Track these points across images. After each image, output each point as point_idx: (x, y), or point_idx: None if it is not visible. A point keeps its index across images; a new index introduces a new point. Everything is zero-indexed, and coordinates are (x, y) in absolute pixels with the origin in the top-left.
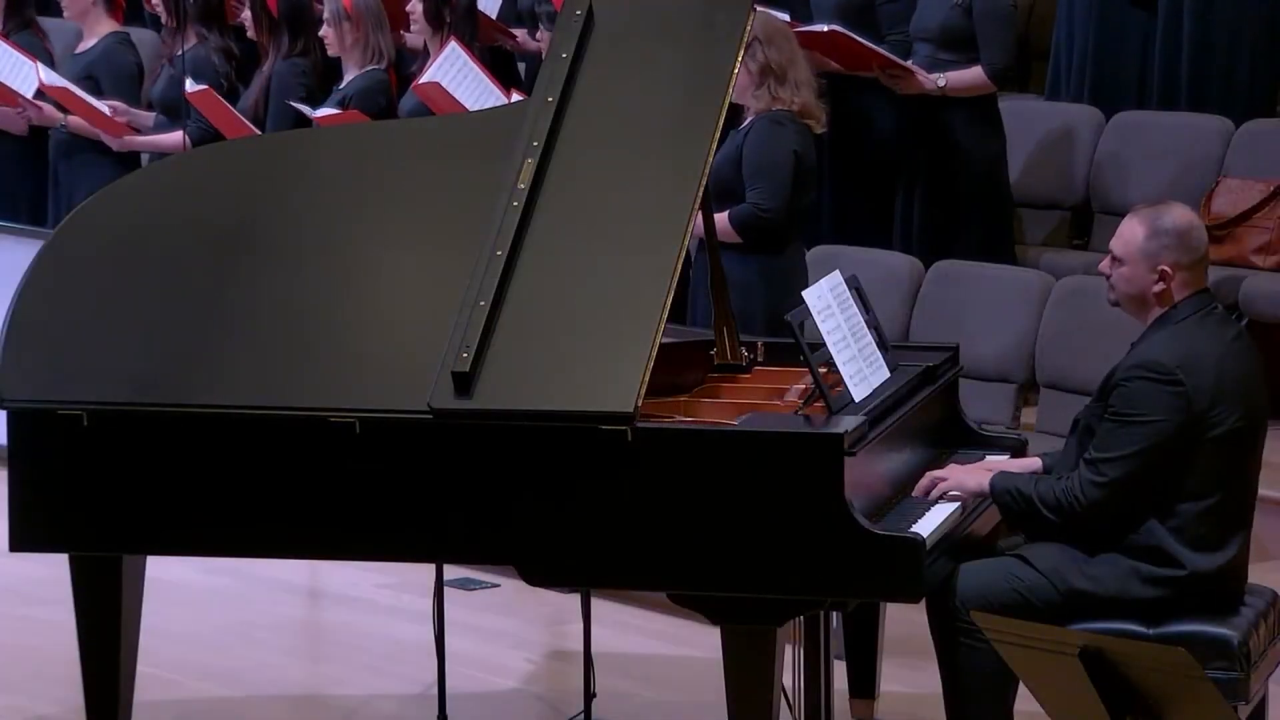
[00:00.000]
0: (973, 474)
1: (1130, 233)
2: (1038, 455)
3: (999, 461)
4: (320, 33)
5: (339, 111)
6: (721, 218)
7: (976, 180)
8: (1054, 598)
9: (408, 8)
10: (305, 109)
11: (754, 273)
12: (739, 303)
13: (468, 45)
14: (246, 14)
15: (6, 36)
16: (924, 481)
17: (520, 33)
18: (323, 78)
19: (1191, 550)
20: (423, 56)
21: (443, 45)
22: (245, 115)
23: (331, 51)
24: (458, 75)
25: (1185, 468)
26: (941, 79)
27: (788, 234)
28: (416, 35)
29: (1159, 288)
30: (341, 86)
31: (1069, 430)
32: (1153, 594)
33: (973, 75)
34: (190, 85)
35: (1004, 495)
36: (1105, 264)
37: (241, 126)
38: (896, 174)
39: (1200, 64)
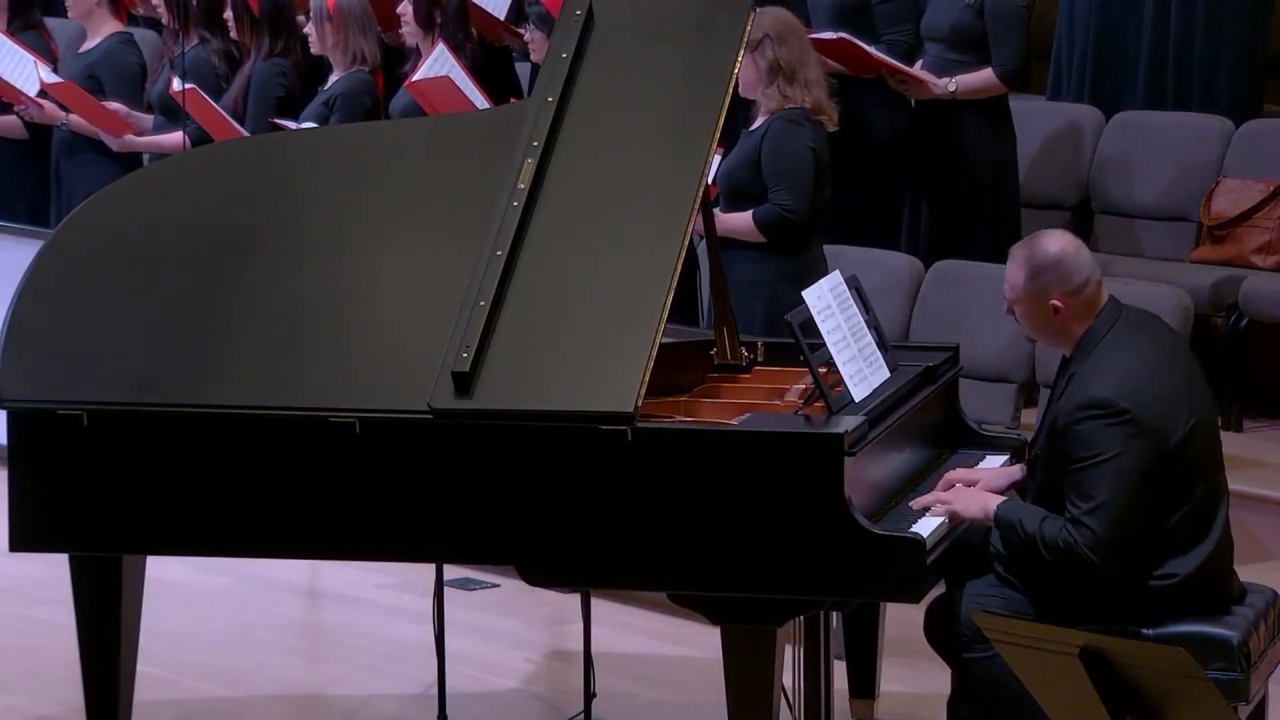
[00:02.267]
0: (975, 501)
1: (1014, 278)
2: (1020, 464)
3: (987, 472)
4: (305, 29)
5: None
6: (745, 218)
7: (986, 183)
8: (1044, 611)
9: (399, 9)
10: (288, 124)
11: (778, 272)
12: (767, 302)
13: (458, 47)
14: (229, 13)
15: (11, 35)
16: (926, 499)
17: (527, 31)
18: (306, 79)
19: (1176, 556)
20: (414, 56)
21: (432, 47)
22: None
23: (314, 50)
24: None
25: (1157, 485)
26: (952, 84)
27: (810, 233)
28: (408, 35)
29: (1060, 319)
30: (326, 87)
31: (1026, 470)
32: (1144, 605)
33: (983, 77)
34: (177, 85)
35: (1008, 530)
36: (1007, 308)
37: (228, 127)
38: (906, 177)
39: (1201, 64)
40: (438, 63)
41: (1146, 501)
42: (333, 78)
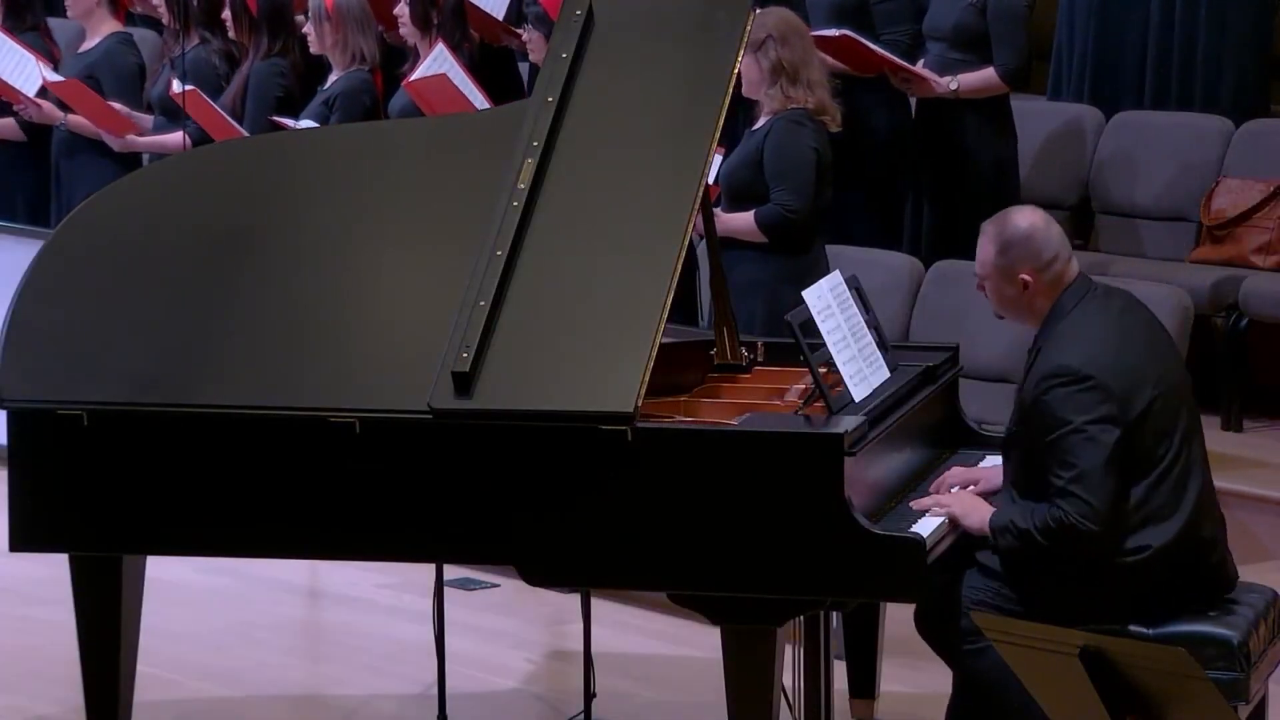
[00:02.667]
0: (975, 514)
1: (984, 253)
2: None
3: (988, 471)
4: (304, 29)
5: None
6: (746, 218)
7: (987, 183)
8: (1032, 607)
9: (395, 10)
10: (288, 122)
11: (779, 273)
12: (768, 303)
13: (455, 47)
14: (227, 13)
15: (12, 34)
16: (926, 501)
17: (525, 31)
18: (304, 79)
19: (1149, 527)
20: (413, 56)
21: (431, 46)
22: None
23: (313, 49)
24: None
25: (1133, 454)
26: (954, 82)
27: (812, 233)
28: (406, 36)
29: (1029, 294)
30: (325, 87)
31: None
32: (1129, 585)
33: (985, 77)
34: (175, 86)
35: (1002, 534)
36: (978, 285)
37: (229, 128)
38: (906, 176)
39: (1203, 64)
40: (436, 61)
41: (1126, 463)
42: (332, 77)
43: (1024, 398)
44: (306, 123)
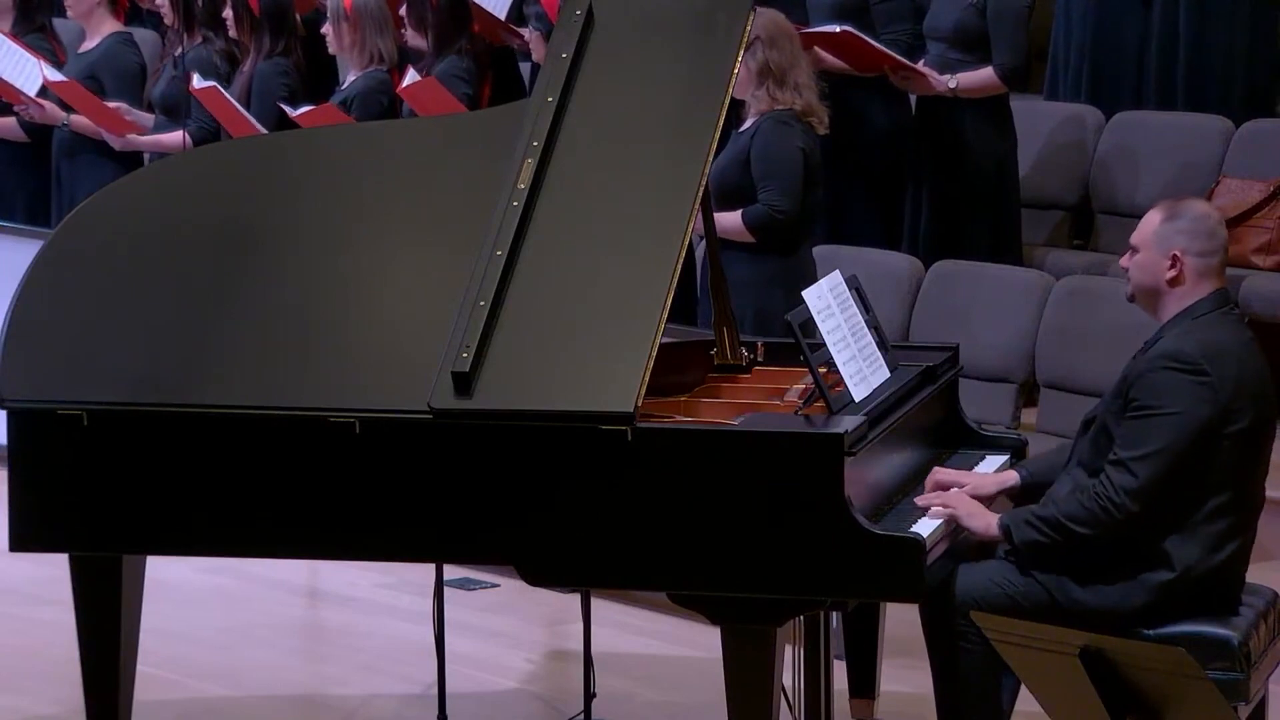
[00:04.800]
0: (980, 517)
1: (1148, 220)
2: (1012, 469)
3: (976, 476)
4: (322, 29)
5: (314, 108)
6: (734, 218)
7: (987, 181)
8: (1044, 601)
9: (402, 12)
10: (286, 108)
11: (768, 273)
12: (755, 303)
13: (458, 49)
14: (228, 12)
15: (15, 36)
16: (930, 497)
17: (526, 31)
18: (306, 78)
19: (1191, 549)
20: (428, 56)
21: (430, 47)
22: None
23: (331, 50)
24: None
25: (1204, 464)
26: (953, 80)
27: (800, 233)
28: (411, 39)
29: (1171, 274)
30: (343, 88)
31: (1078, 430)
32: (1150, 600)
33: (984, 76)
34: (198, 81)
35: (1026, 530)
36: (1125, 258)
37: (246, 124)
38: (906, 175)
39: (1200, 64)
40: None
41: (1188, 473)
42: (350, 78)
43: (1129, 373)
44: (307, 107)
